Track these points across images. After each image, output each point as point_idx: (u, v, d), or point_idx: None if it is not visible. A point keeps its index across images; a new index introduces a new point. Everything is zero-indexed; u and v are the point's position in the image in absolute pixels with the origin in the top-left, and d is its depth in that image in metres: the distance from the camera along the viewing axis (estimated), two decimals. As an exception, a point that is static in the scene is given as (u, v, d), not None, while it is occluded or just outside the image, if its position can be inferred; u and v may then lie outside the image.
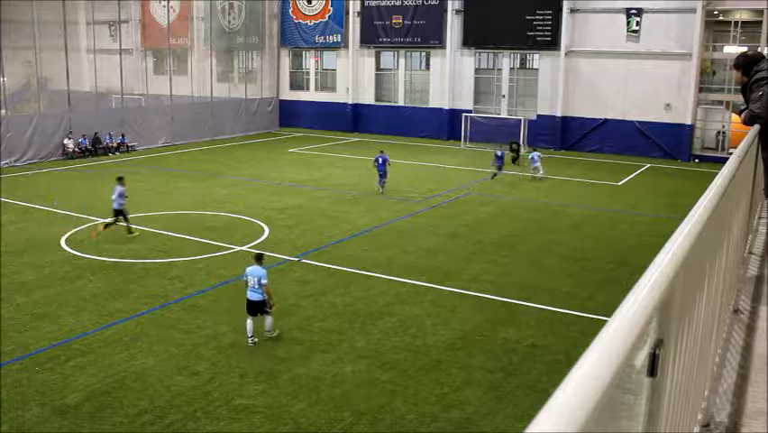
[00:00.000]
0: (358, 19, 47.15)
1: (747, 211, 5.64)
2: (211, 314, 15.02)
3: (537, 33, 41.56)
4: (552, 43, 41.17)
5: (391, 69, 47.82)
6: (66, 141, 35.93)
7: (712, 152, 38.30)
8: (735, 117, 36.03)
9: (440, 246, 20.61)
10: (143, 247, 19.96)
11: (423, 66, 47.02)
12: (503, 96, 43.81)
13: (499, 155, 31.58)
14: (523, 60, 43.84)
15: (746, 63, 6.64)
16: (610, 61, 39.48)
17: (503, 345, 13.66)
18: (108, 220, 20.89)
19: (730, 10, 38.03)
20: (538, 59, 42.62)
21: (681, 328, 2.16)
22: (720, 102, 39.10)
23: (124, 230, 20.71)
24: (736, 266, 4.83)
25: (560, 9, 40.54)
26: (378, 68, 48.14)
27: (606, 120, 40.36)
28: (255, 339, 13.45)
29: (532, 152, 32.64)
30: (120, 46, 42.47)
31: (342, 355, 13.11)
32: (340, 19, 47.70)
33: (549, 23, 41.11)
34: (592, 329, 13.67)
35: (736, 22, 38.00)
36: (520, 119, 40.88)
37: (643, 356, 1.89)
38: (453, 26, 44.05)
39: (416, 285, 17.08)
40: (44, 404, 11.15)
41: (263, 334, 13.66)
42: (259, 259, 13.90)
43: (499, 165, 31.50)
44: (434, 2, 44.28)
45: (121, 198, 20.68)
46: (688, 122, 38.37)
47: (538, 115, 42.18)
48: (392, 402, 11.39)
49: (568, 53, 40.67)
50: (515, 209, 25.78)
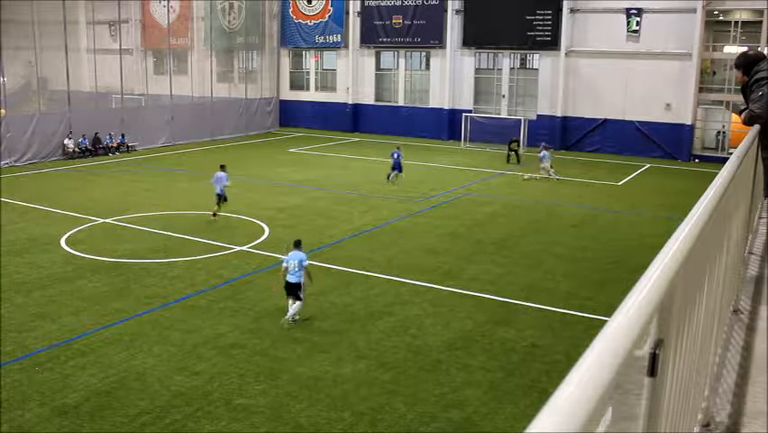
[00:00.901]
0: (358, 19, 47.15)
1: (747, 211, 5.64)
2: (211, 314, 15.02)
3: (537, 33, 41.56)
4: (552, 43, 41.18)
5: (391, 69, 47.83)
6: (66, 141, 35.94)
7: (712, 152, 38.32)
8: (735, 117, 36.05)
9: (440, 246, 20.61)
10: (143, 247, 19.96)
11: (423, 66, 47.02)
12: (503, 96, 43.81)
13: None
14: (523, 60, 43.84)
15: (747, 63, 6.64)
16: (610, 61, 39.48)
17: (503, 345, 13.66)
18: (215, 209, 23.02)
19: (730, 10, 38.04)
20: (538, 59, 42.62)
21: (681, 328, 2.16)
22: (720, 102, 39.11)
23: (213, 211, 22.97)
24: (736, 266, 4.83)
25: (560, 9, 40.55)
26: (378, 68, 48.15)
27: (606, 120, 40.36)
28: (289, 322, 14.34)
29: (542, 151, 32.14)
30: (120, 46, 42.48)
31: (342, 355, 13.11)
32: (340, 19, 47.70)
33: (549, 23, 41.12)
34: (592, 329, 13.69)
35: (736, 22, 38.01)
36: (520, 119, 40.89)
37: (643, 356, 1.89)
38: (453, 26, 44.05)
39: (416, 285, 17.08)
40: (44, 404, 11.15)
41: (287, 320, 14.40)
42: (297, 245, 15.01)
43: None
44: (434, 2, 44.28)
45: (222, 184, 22.91)
46: (688, 122, 38.37)
47: (538, 115, 42.18)
48: (392, 402, 11.39)
49: (568, 53, 40.68)
50: (515, 209, 25.78)
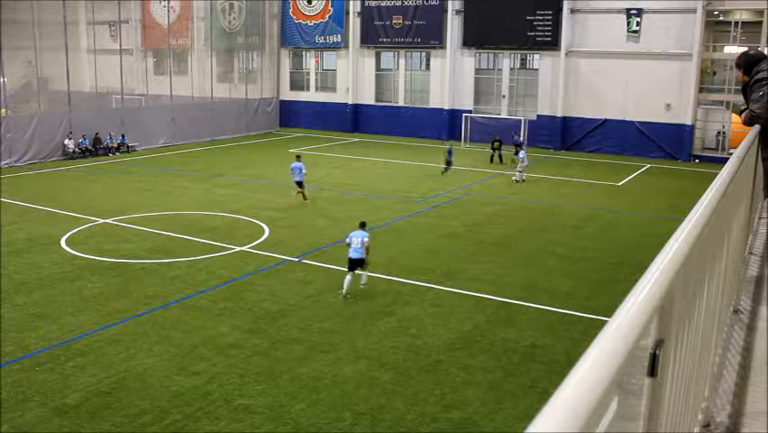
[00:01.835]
0: (358, 19, 47.16)
1: (747, 211, 5.64)
2: (211, 314, 15.02)
3: (537, 34, 41.56)
4: (552, 43, 41.18)
5: (391, 70, 47.83)
6: (66, 141, 35.95)
7: (712, 153, 38.33)
8: (735, 117, 36.05)
9: (440, 246, 20.61)
10: (143, 247, 19.96)
11: (423, 66, 47.02)
12: (503, 96, 43.81)
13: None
14: (523, 61, 43.84)
15: (747, 63, 6.64)
16: (610, 61, 39.48)
17: (503, 346, 13.66)
18: (298, 192, 25.89)
19: (730, 10, 38.04)
20: (538, 59, 42.62)
21: (681, 328, 2.16)
22: (720, 102, 39.12)
23: (299, 197, 25.76)
24: (736, 266, 4.83)
25: (560, 9, 40.55)
26: (378, 68, 48.15)
27: (606, 120, 40.36)
28: (346, 296, 15.88)
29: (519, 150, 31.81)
30: (120, 46, 42.48)
31: (342, 356, 13.11)
32: (340, 19, 47.71)
33: (549, 24, 41.12)
34: (592, 329, 13.70)
35: (737, 22, 38.01)
36: (520, 119, 40.90)
37: (643, 356, 1.89)
38: (453, 26, 44.05)
39: (417, 285, 17.08)
40: (44, 404, 11.15)
41: (359, 287, 16.23)
42: (362, 225, 16.81)
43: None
44: (434, 2, 44.29)
45: (301, 172, 25.60)
46: (688, 122, 38.37)
47: (538, 116, 42.19)
48: (392, 402, 11.39)
49: (568, 53, 40.68)
50: (515, 209, 25.78)
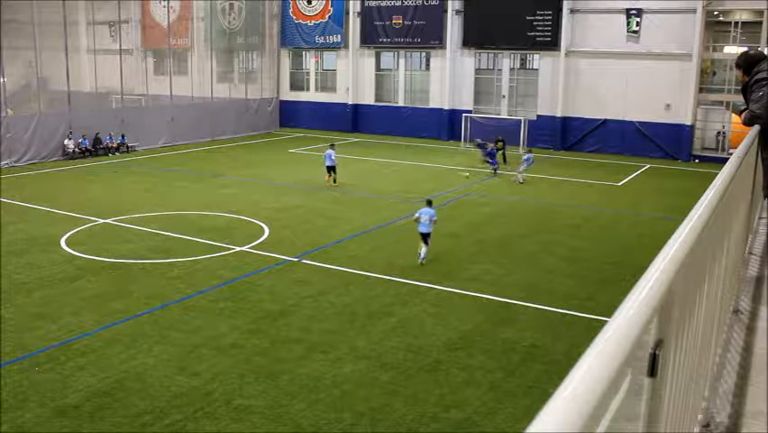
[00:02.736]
0: (358, 19, 47.15)
1: (747, 211, 5.64)
2: (211, 314, 15.01)
3: (537, 34, 41.56)
4: (552, 44, 41.18)
5: (391, 70, 47.82)
6: (66, 141, 35.94)
7: (712, 153, 38.31)
8: (735, 118, 36.05)
9: (440, 246, 20.59)
10: (143, 247, 19.96)
11: (423, 66, 47.01)
12: (503, 96, 43.81)
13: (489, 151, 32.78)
14: (523, 61, 43.83)
15: (747, 63, 6.63)
16: (610, 62, 39.47)
17: (503, 346, 13.66)
18: (329, 177, 29.19)
19: (730, 10, 38.03)
20: (538, 59, 42.62)
21: (681, 328, 2.16)
22: (720, 102, 39.11)
23: (331, 181, 28.98)
24: (737, 266, 4.83)
25: (560, 9, 40.54)
26: (378, 68, 48.14)
27: (606, 120, 40.36)
28: (424, 261, 18.43)
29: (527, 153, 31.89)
30: (120, 46, 42.44)
31: (342, 356, 13.11)
32: (340, 19, 47.71)
33: (549, 24, 41.11)
34: (592, 329, 13.68)
35: (737, 22, 38.01)
36: (520, 119, 40.90)
37: (643, 356, 1.89)
38: (453, 26, 44.04)
39: (416, 285, 17.08)
40: (44, 404, 11.15)
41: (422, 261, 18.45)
42: (429, 203, 19.19)
43: (492, 162, 32.38)
44: (434, 2, 44.28)
45: (331, 159, 28.95)
46: (688, 122, 38.37)
47: (538, 116, 42.18)
48: (392, 403, 11.39)
49: (568, 54, 40.68)
50: (515, 209, 25.77)
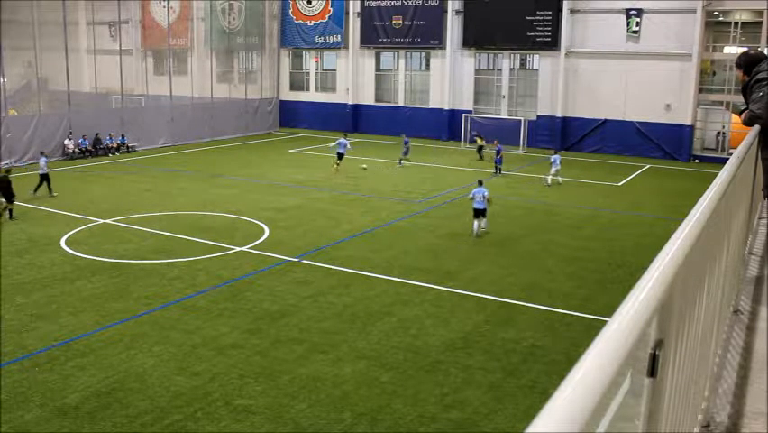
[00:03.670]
0: (358, 19, 47.16)
1: (747, 211, 5.64)
2: (211, 315, 15.01)
3: (537, 34, 41.57)
4: (552, 44, 41.18)
5: (391, 70, 47.83)
6: (66, 141, 35.95)
7: (712, 153, 38.33)
8: (735, 118, 36.05)
9: (440, 247, 20.61)
10: (143, 247, 19.97)
11: (423, 66, 47.02)
12: (503, 96, 43.82)
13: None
14: (523, 61, 43.85)
15: (748, 63, 6.62)
16: (610, 62, 39.49)
17: (503, 346, 13.66)
18: (337, 163, 31.89)
19: (730, 10, 38.04)
20: (538, 59, 42.63)
21: (681, 328, 2.16)
22: (720, 102, 39.12)
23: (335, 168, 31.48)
24: (736, 266, 4.83)
25: (560, 9, 40.56)
26: (378, 68, 48.15)
27: (606, 120, 40.37)
28: (477, 235, 21.21)
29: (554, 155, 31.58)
30: (120, 46, 42.46)
31: (342, 356, 13.11)
32: (340, 19, 47.71)
33: (549, 24, 41.12)
34: (592, 329, 13.69)
35: (736, 22, 38.01)
36: (520, 119, 40.92)
37: (643, 357, 1.89)
38: (453, 27, 44.05)
39: (416, 285, 17.08)
40: (44, 405, 11.15)
41: (480, 232, 21.39)
42: (480, 183, 22.09)
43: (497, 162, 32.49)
44: (434, 2, 44.29)
45: (344, 147, 31.84)
46: (688, 122, 38.38)
47: (538, 116, 42.19)
48: (392, 403, 11.39)
49: (568, 54, 40.68)
50: (515, 210, 25.78)
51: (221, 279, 17.33)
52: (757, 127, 6.11)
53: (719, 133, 39.07)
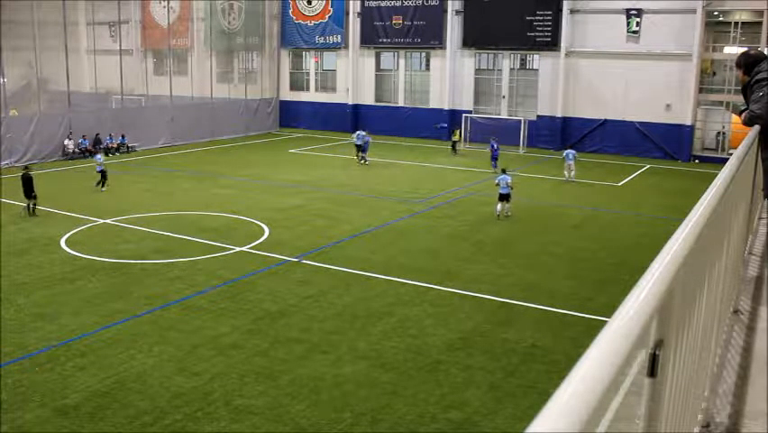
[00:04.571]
0: (358, 19, 47.16)
1: (747, 212, 5.64)
2: (211, 315, 15.01)
3: (537, 34, 41.57)
4: (552, 44, 41.18)
5: (391, 70, 47.82)
6: (66, 141, 35.95)
7: (712, 153, 38.33)
8: (735, 118, 35.98)
9: (440, 247, 20.61)
10: (143, 247, 19.96)
11: (423, 66, 47.01)
12: (503, 96, 43.82)
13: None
14: (523, 61, 43.84)
15: (748, 63, 6.62)
16: (610, 62, 39.48)
17: (503, 346, 13.66)
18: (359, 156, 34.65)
19: (730, 11, 38.04)
20: (538, 59, 42.63)
21: (681, 328, 2.16)
22: (720, 102, 39.10)
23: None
24: (736, 267, 4.83)
25: (560, 10, 40.55)
26: (378, 68, 48.15)
27: (606, 120, 40.36)
28: (501, 216, 23.68)
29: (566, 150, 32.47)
30: (120, 47, 42.46)
31: (342, 356, 13.11)
32: (340, 19, 47.71)
33: (549, 24, 41.12)
34: (592, 330, 13.68)
35: (737, 22, 38.01)
36: (520, 119, 40.92)
37: (643, 357, 1.89)
38: (453, 27, 44.05)
39: (416, 286, 17.08)
40: (44, 405, 11.15)
41: (504, 214, 23.82)
42: (504, 171, 24.71)
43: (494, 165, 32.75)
44: (434, 2, 44.29)
45: (361, 139, 34.25)
46: (688, 122, 38.37)
47: (538, 116, 42.19)
48: (392, 403, 11.39)
49: (568, 54, 40.68)
50: (514, 210, 25.76)
51: (221, 279, 17.33)
52: (757, 127, 6.11)
53: (719, 133, 39.06)
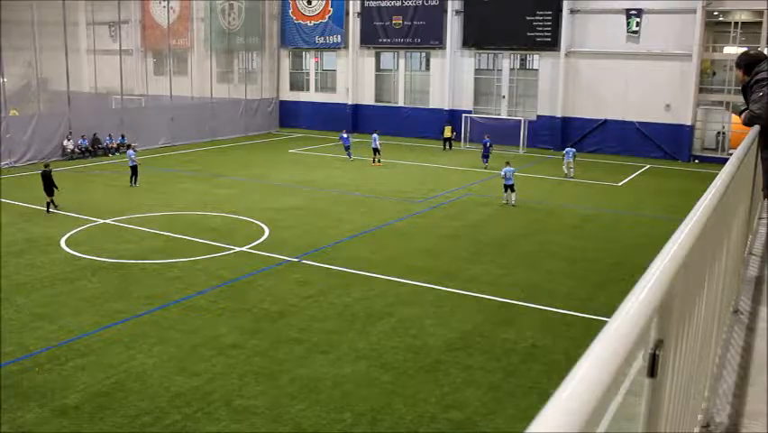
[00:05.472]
0: (358, 19, 47.16)
1: (747, 212, 5.64)
2: (211, 315, 15.01)
3: (537, 34, 41.57)
4: (552, 44, 41.18)
5: (391, 70, 47.82)
6: (66, 141, 35.94)
7: (712, 153, 38.31)
8: (734, 118, 36.04)
9: (440, 247, 20.61)
10: (143, 247, 19.97)
11: (423, 66, 47.01)
12: (503, 96, 43.82)
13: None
14: (523, 61, 43.84)
15: (748, 63, 6.62)
16: (610, 62, 39.48)
17: (503, 346, 13.66)
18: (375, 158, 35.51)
19: (730, 11, 38.04)
20: (538, 59, 42.63)
21: (681, 329, 2.16)
22: (720, 103, 39.11)
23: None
24: (736, 267, 4.83)
25: (560, 10, 40.55)
26: (378, 68, 48.15)
27: (606, 121, 40.36)
28: (504, 204, 25.31)
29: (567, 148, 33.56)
30: (120, 47, 42.47)
31: (342, 356, 13.11)
32: (340, 19, 47.71)
33: (549, 24, 41.12)
34: (592, 330, 13.67)
35: (736, 22, 38.01)
36: (520, 120, 40.92)
37: (643, 357, 1.89)
38: (453, 27, 44.05)
39: (416, 286, 17.08)
40: (44, 405, 11.15)
41: (511, 204, 25.44)
42: (508, 163, 26.04)
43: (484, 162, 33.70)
44: (434, 2, 44.29)
45: (376, 142, 35.51)
46: (688, 122, 38.37)
47: (538, 116, 42.19)
48: (392, 403, 11.39)
49: (568, 54, 40.68)
50: (514, 210, 25.77)
51: (221, 279, 17.33)
52: (757, 127, 6.11)
53: (719, 133, 39.05)
